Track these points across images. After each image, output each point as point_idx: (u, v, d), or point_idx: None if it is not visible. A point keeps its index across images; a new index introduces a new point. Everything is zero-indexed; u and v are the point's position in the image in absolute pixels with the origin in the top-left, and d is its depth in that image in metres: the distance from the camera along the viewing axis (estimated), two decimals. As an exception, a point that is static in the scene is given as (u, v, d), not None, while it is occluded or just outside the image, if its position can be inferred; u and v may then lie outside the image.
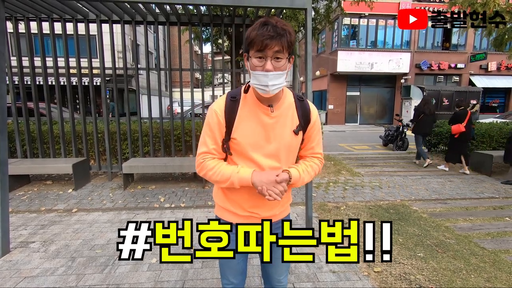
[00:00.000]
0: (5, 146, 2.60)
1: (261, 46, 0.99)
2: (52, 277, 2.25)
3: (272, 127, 1.12)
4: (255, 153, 1.13)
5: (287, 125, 1.14)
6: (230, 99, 1.13)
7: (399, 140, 8.49)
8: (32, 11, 4.25)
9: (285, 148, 1.15)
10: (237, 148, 1.14)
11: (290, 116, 1.15)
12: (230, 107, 1.12)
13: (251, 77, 1.06)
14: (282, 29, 0.99)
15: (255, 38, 0.99)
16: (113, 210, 3.64)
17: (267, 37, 0.97)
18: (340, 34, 16.32)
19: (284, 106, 1.14)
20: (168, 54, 5.12)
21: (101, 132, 5.11)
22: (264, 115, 1.12)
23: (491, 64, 17.29)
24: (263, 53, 1.00)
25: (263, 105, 1.12)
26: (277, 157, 1.15)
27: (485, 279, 2.28)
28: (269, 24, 0.99)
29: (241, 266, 1.32)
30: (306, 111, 1.19)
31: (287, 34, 1.00)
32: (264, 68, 1.01)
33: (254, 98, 1.12)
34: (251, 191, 1.15)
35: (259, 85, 1.04)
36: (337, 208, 3.77)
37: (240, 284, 1.35)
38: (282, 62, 1.02)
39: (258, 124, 1.12)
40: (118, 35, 5.04)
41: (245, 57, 1.09)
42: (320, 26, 8.94)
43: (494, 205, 3.95)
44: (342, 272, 2.35)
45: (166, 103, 13.09)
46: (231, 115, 1.11)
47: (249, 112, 1.12)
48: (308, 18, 2.76)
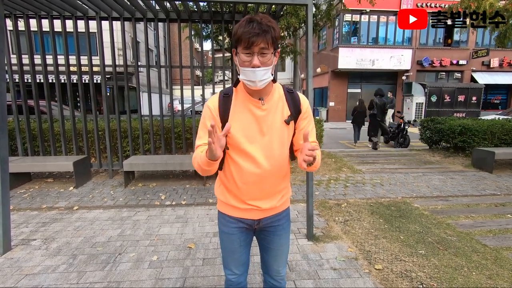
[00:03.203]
0: (6, 144, 2.59)
1: (248, 43, 1.04)
2: (53, 275, 2.25)
3: (264, 119, 1.17)
4: (250, 146, 1.17)
5: (278, 116, 1.19)
6: (223, 96, 1.20)
7: (400, 137, 8.47)
8: (32, 8, 4.24)
9: (278, 138, 1.20)
10: (232, 142, 1.17)
11: (280, 107, 1.20)
12: (223, 103, 1.18)
13: (240, 72, 1.12)
14: (267, 26, 1.04)
15: (242, 35, 1.04)
16: (114, 207, 3.65)
17: (253, 35, 1.02)
18: (341, 31, 16.23)
19: (274, 98, 1.20)
20: (168, 51, 5.10)
21: (102, 129, 5.10)
22: (256, 108, 1.17)
23: (493, 61, 17.17)
24: (250, 50, 1.06)
25: (254, 98, 1.17)
26: (271, 148, 1.19)
27: (486, 276, 2.27)
28: (254, 21, 1.04)
29: (244, 257, 1.37)
30: (296, 101, 1.24)
31: (272, 30, 1.05)
32: (251, 64, 1.06)
33: (245, 92, 1.18)
34: (249, 184, 1.21)
35: (247, 80, 1.10)
36: (338, 205, 3.77)
37: (243, 274, 1.40)
38: (267, 57, 1.08)
39: (251, 117, 1.17)
40: (118, 32, 5.03)
41: (233, 52, 1.14)
42: (321, 23, 8.89)
43: (495, 202, 3.94)
44: (343, 269, 2.35)
45: (167, 100, 13.08)
46: (225, 111, 1.17)
47: (241, 106, 1.17)
48: (309, 14, 2.73)
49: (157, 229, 3.04)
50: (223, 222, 1.33)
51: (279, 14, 4.90)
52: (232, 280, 1.38)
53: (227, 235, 1.32)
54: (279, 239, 1.35)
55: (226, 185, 1.27)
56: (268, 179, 1.22)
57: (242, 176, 1.20)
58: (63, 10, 4.34)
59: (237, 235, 1.31)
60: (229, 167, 1.23)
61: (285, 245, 1.38)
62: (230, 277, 1.38)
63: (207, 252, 2.60)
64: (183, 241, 2.79)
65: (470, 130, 6.31)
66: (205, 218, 3.33)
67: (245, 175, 1.19)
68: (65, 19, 4.55)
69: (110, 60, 4.74)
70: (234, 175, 1.22)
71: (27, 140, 4.83)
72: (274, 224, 1.33)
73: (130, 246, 2.70)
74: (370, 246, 2.74)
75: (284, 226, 1.36)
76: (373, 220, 3.32)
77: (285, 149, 1.24)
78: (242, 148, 1.17)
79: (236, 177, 1.21)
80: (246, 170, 1.18)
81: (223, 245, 1.36)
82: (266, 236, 1.36)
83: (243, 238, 1.33)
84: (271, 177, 1.22)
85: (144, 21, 4.68)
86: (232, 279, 1.38)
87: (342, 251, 2.64)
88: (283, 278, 1.43)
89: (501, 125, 6.36)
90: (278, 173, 1.25)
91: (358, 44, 16.46)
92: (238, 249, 1.33)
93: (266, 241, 1.36)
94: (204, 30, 8.63)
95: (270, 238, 1.35)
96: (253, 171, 1.18)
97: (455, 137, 6.56)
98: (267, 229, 1.34)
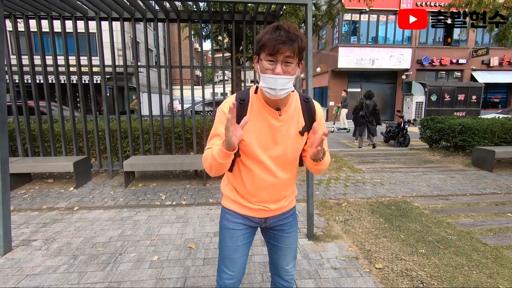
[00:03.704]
0: (6, 144, 2.60)
1: (272, 51, 1.01)
2: (54, 275, 2.25)
3: (279, 130, 1.16)
4: (262, 154, 1.16)
5: (293, 127, 1.18)
6: (239, 102, 1.15)
7: (400, 137, 8.47)
8: (31, 9, 4.23)
9: (291, 149, 1.19)
10: (245, 150, 1.16)
11: (296, 118, 1.19)
12: (238, 109, 1.13)
13: (260, 79, 1.08)
14: (294, 35, 1.01)
15: (267, 42, 1.01)
16: (114, 208, 3.65)
17: (279, 42, 0.99)
18: (340, 30, 16.22)
19: (291, 109, 1.18)
20: (168, 51, 5.09)
21: (102, 130, 5.10)
22: (272, 118, 1.15)
23: (493, 59, 17.15)
24: (274, 57, 1.02)
25: (271, 108, 1.14)
26: (284, 158, 1.19)
27: (487, 275, 2.28)
28: (281, 29, 1.01)
29: (243, 260, 1.35)
30: (311, 112, 1.22)
31: (299, 39, 1.02)
32: (274, 72, 1.03)
33: (262, 101, 1.15)
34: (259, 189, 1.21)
35: (268, 87, 1.06)
36: (338, 205, 3.77)
37: (240, 278, 1.37)
38: (292, 66, 1.05)
39: (266, 126, 1.15)
40: (117, 32, 5.02)
41: (255, 59, 1.11)
42: (320, 23, 8.89)
43: (496, 201, 3.94)
44: (344, 269, 2.35)
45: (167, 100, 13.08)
46: (239, 117, 1.12)
47: (258, 114, 1.15)
48: (309, 14, 2.73)
49: (157, 229, 3.05)
50: (228, 218, 1.30)
51: (279, 14, 4.90)
52: (227, 283, 1.32)
53: (231, 231, 1.29)
54: (288, 237, 1.35)
55: (234, 185, 1.27)
56: (279, 185, 1.23)
57: (253, 182, 1.20)
58: (63, 10, 4.34)
59: (241, 232, 1.29)
60: (239, 172, 1.22)
61: (293, 243, 1.38)
62: (226, 282, 1.32)
63: (208, 252, 2.60)
64: (183, 241, 2.79)
65: (470, 129, 6.31)
66: (205, 218, 3.33)
67: (257, 181, 1.20)
68: (65, 19, 4.55)
69: (110, 60, 4.74)
70: (244, 179, 1.21)
71: (27, 141, 4.83)
72: (282, 222, 1.33)
73: (131, 246, 2.70)
74: (371, 245, 2.74)
75: (292, 224, 1.36)
76: (374, 219, 3.32)
77: (296, 157, 1.25)
78: (255, 157, 1.16)
79: (246, 181, 1.21)
80: (258, 176, 1.19)
81: (225, 243, 1.31)
82: (274, 235, 1.36)
83: (247, 236, 1.32)
84: (281, 183, 1.24)
85: (144, 21, 4.68)
86: (229, 284, 1.32)
87: (343, 250, 2.65)
88: (293, 278, 1.42)
89: (501, 124, 6.35)
90: (288, 180, 1.26)
91: (358, 43, 16.46)
92: (241, 248, 1.31)
93: (275, 239, 1.36)
94: (204, 30, 8.64)
95: (278, 236, 1.35)
96: (265, 179, 1.19)
97: (455, 136, 6.55)
98: (275, 228, 1.34)
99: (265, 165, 1.17)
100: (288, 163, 1.22)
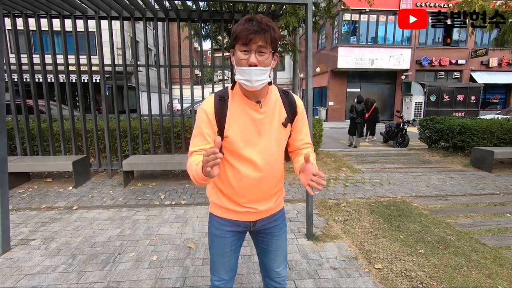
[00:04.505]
0: (5, 143, 2.58)
1: (246, 40, 1.02)
2: (52, 275, 2.25)
3: (262, 122, 1.16)
4: (248, 150, 1.15)
5: (275, 119, 1.18)
6: (219, 99, 1.16)
7: (399, 137, 8.48)
8: (30, 8, 4.22)
9: (275, 141, 1.19)
10: (229, 147, 1.15)
11: (277, 110, 1.20)
12: (219, 106, 1.14)
13: (236, 72, 1.08)
14: (267, 25, 1.03)
15: (240, 33, 1.03)
16: (113, 207, 3.64)
17: (252, 32, 1.01)
18: (340, 30, 16.22)
19: (271, 101, 1.18)
20: (168, 51, 5.08)
21: (101, 129, 5.09)
22: (254, 111, 1.15)
23: (492, 60, 17.19)
24: (248, 47, 1.03)
25: (251, 101, 1.15)
26: (269, 151, 1.18)
27: (486, 276, 2.28)
28: (254, 20, 1.03)
29: (233, 262, 1.34)
30: (292, 103, 1.24)
31: (271, 30, 1.04)
32: (248, 62, 1.04)
33: (242, 95, 1.15)
34: (247, 187, 1.18)
35: (243, 79, 1.07)
36: (338, 205, 3.77)
37: (231, 280, 1.37)
38: (265, 56, 1.05)
39: (249, 119, 1.15)
40: (117, 31, 5.01)
41: (231, 52, 1.12)
42: (321, 21, 8.90)
43: (495, 201, 3.95)
44: (343, 269, 2.35)
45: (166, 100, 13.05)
46: (221, 114, 1.13)
47: (239, 109, 1.15)
48: (309, 13, 2.72)
49: (156, 229, 3.04)
50: (215, 225, 1.29)
51: (279, 14, 4.89)
52: (219, 286, 1.34)
53: (219, 238, 1.28)
54: (277, 239, 1.34)
55: (220, 188, 1.24)
56: (266, 182, 1.21)
57: (240, 180, 1.17)
58: (62, 9, 4.32)
59: (229, 239, 1.28)
60: (225, 171, 1.19)
61: (283, 245, 1.37)
62: (217, 283, 1.34)
63: (207, 251, 2.59)
64: (182, 241, 2.79)
65: (469, 129, 6.32)
66: (204, 218, 3.32)
67: (244, 179, 1.17)
68: (64, 18, 4.54)
69: (109, 59, 4.73)
70: (230, 179, 1.18)
71: (26, 140, 4.82)
72: (271, 225, 1.32)
73: (130, 246, 2.70)
74: (370, 245, 2.74)
75: (281, 226, 1.35)
76: (373, 219, 3.33)
77: (281, 151, 1.25)
78: (240, 153, 1.15)
79: (232, 181, 1.18)
80: (244, 174, 1.16)
81: (213, 249, 1.32)
82: (263, 238, 1.34)
83: (234, 242, 1.31)
84: (269, 179, 1.21)
85: (143, 21, 4.67)
86: (220, 286, 1.34)
87: (342, 250, 2.65)
88: (284, 279, 1.41)
89: (500, 125, 6.37)
90: (275, 175, 1.24)
91: (358, 43, 16.46)
92: (228, 253, 1.30)
93: (264, 243, 1.35)
94: (204, 30, 8.62)
95: (268, 239, 1.33)
96: (251, 175, 1.16)
97: (454, 137, 6.57)
98: (264, 231, 1.32)
99: (250, 160, 1.15)
100: (274, 157, 1.20)
